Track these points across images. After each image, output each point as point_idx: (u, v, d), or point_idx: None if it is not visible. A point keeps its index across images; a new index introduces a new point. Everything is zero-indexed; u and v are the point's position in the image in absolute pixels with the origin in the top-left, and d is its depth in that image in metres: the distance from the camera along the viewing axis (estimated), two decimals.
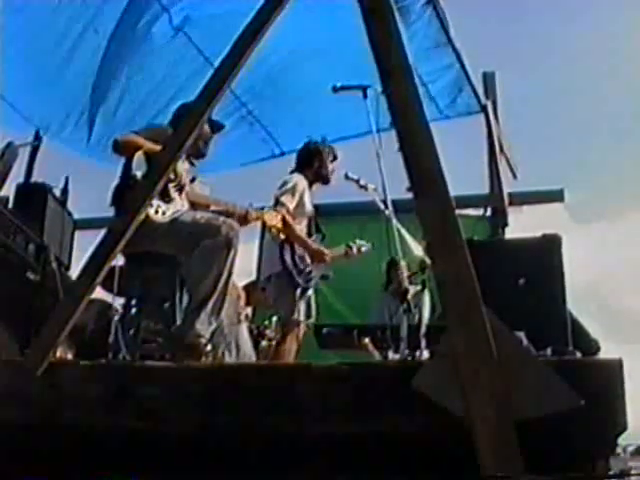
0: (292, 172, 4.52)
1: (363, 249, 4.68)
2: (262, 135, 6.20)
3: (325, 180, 4.56)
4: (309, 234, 4.47)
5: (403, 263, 3.85)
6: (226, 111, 5.46)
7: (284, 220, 4.03)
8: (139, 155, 3.27)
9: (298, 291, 4.23)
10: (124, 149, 3.35)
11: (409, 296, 3.66)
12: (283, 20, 2.46)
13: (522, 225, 6.16)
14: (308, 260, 4.35)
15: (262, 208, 3.96)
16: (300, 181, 4.40)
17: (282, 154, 6.36)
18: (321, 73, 5.05)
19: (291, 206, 4.26)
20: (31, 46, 4.77)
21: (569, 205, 6.39)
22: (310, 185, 4.49)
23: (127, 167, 3.30)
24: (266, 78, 5.25)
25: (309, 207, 4.45)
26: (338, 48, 4.87)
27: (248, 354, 4.08)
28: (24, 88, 5.05)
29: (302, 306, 4.28)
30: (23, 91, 5.08)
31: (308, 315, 4.35)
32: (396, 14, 2.28)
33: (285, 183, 4.36)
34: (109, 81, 5.23)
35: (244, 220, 3.64)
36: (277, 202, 4.23)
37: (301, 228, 4.40)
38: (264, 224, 4.29)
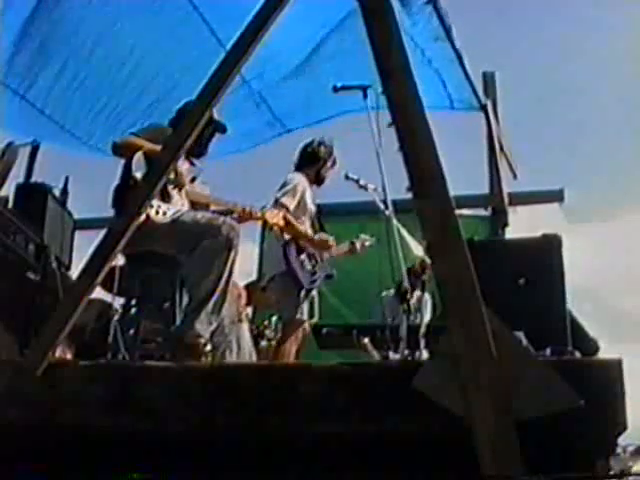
0: (294, 170, 4.50)
1: (367, 243, 4.66)
2: (268, 117, 6.10)
3: (320, 183, 4.56)
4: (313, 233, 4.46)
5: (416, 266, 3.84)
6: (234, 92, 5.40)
7: (285, 218, 4.01)
8: (138, 156, 3.28)
9: (302, 292, 4.22)
10: (124, 151, 3.35)
11: (408, 296, 3.67)
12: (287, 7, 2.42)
13: (518, 226, 6.14)
14: (314, 259, 4.34)
15: (263, 207, 3.91)
16: (301, 181, 4.39)
17: (289, 131, 6.28)
18: (326, 54, 5.06)
19: (291, 207, 4.25)
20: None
21: (565, 206, 6.36)
22: (311, 184, 4.48)
23: (127, 168, 3.30)
24: (270, 58, 5.19)
25: (311, 206, 4.44)
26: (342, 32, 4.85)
27: (248, 353, 4.08)
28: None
29: (305, 306, 4.27)
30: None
31: (311, 315, 4.34)
32: (397, 5, 2.27)
33: (285, 184, 4.35)
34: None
35: (245, 217, 3.63)
36: (276, 203, 4.22)
37: (305, 228, 4.39)
38: (264, 224, 4.29)
